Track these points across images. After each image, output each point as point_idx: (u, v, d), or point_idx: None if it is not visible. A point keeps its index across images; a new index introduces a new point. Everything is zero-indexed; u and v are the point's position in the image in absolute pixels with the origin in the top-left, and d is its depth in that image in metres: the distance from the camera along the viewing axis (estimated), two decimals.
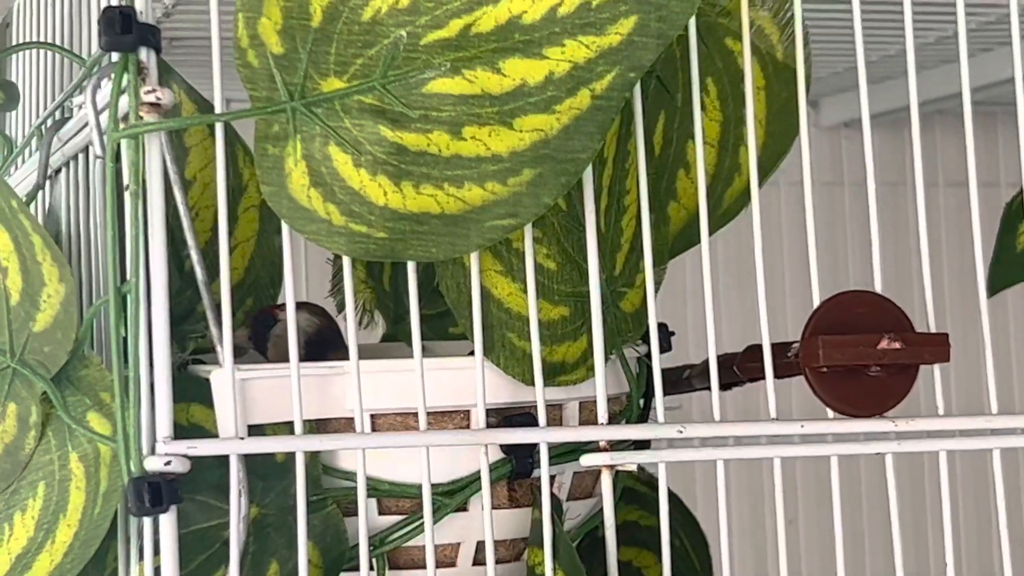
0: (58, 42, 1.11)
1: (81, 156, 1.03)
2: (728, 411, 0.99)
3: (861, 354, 0.96)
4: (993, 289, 1.17)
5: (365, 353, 0.96)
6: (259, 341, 1.05)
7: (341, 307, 1.13)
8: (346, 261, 0.94)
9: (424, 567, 0.95)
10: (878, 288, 0.99)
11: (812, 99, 1.65)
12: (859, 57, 1.01)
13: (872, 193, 0.97)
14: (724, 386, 1.05)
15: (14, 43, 1.22)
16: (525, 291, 0.96)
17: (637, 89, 0.99)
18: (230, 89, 0.94)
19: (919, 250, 1.00)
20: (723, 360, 1.03)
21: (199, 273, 0.94)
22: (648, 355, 1.03)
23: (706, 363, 1.03)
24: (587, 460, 0.95)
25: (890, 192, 1.58)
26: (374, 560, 0.98)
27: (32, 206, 1.05)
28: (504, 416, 0.96)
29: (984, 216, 1.02)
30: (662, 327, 1.03)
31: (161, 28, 1.18)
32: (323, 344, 1.04)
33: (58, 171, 1.08)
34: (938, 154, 1.69)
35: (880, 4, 1.23)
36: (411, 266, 0.94)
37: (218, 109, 0.91)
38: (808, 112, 1.62)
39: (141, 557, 0.91)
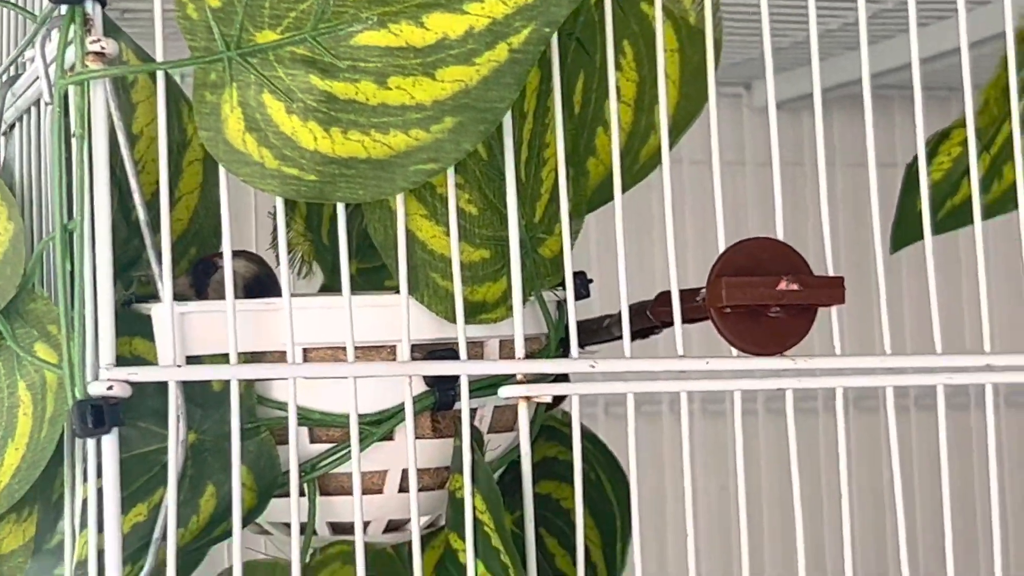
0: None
1: (34, 109, 1.04)
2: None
3: (762, 295, 0.99)
4: (895, 246, 1.20)
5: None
6: (200, 287, 1.07)
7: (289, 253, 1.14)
8: (279, 201, 0.97)
9: (352, 493, 0.97)
10: (780, 237, 1.01)
11: (745, 81, 1.67)
12: (765, 45, 1.05)
13: (776, 169, 1.02)
14: (639, 333, 1.07)
15: None
16: (448, 234, 0.98)
17: (555, 48, 1.01)
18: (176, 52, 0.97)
19: (819, 210, 1.04)
20: (637, 307, 1.06)
21: (143, 219, 0.96)
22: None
23: (640, 309, 1.06)
24: (505, 391, 0.98)
25: (797, 172, 1.62)
26: (305, 485, 1.00)
27: None
28: (428, 351, 0.98)
29: (882, 192, 1.06)
30: (580, 274, 1.06)
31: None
32: (260, 288, 1.06)
33: (12, 126, 1.10)
34: (835, 136, 1.73)
35: None
36: (340, 207, 0.96)
37: (159, 59, 0.94)
38: (741, 93, 1.64)
39: (86, 479, 0.93)
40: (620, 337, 1.04)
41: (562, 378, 1.03)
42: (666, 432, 1.84)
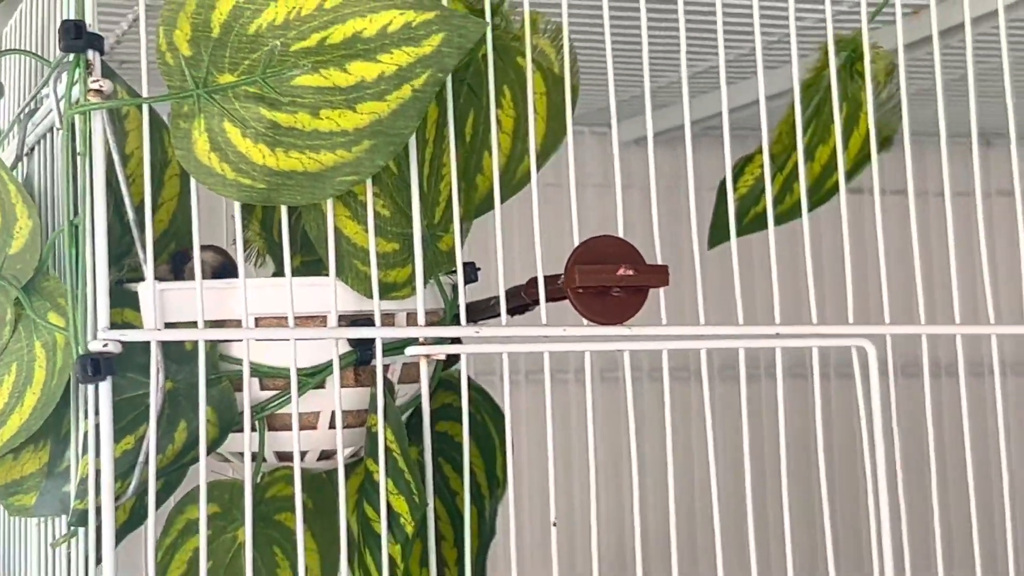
0: (35, 51, 1.11)
1: (48, 135, 1.05)
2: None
3: (605, 278, 0.99)
4: (711, 244, 1.19)
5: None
6: (177, 273, 1.06)
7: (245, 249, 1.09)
8: (236, 206, 0.97)
9: (292, 428, 0.97)
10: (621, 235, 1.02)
11: (608, 120, 1.61)
12: (610, 94, 1.06)
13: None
14: (516, 309, 1.05)
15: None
16: (366, 231, 0.98)
17: (449, 89, 1.00)
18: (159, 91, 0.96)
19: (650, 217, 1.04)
20: (513, 290, 1.05)
21: (132, 220, 0.96)
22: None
23: (516, 291, 1.05)
24: (410, 351, 0.99)
25: (670, 194, 1.56)
26: (256, 423, 1.00)
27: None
28: (351, 320, 0.99)
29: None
30: (470, 264, 1.06)
31: (114, 52, 1.21)
32: (224, 274, 1.06)
33: (32, 149, 1.10)
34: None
35: (658, 37, 1.18)
36: (283, 209, 0.97)
37: (144, 94, 0.95)
38: (606, 131, 1.58)
39: (87, 416, 0.94)
40: (497, 315, 1.04)
41: (456, 343, 1.02)
42: (571, 396, 1.77)
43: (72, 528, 0.96)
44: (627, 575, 1.09)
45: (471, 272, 1.07)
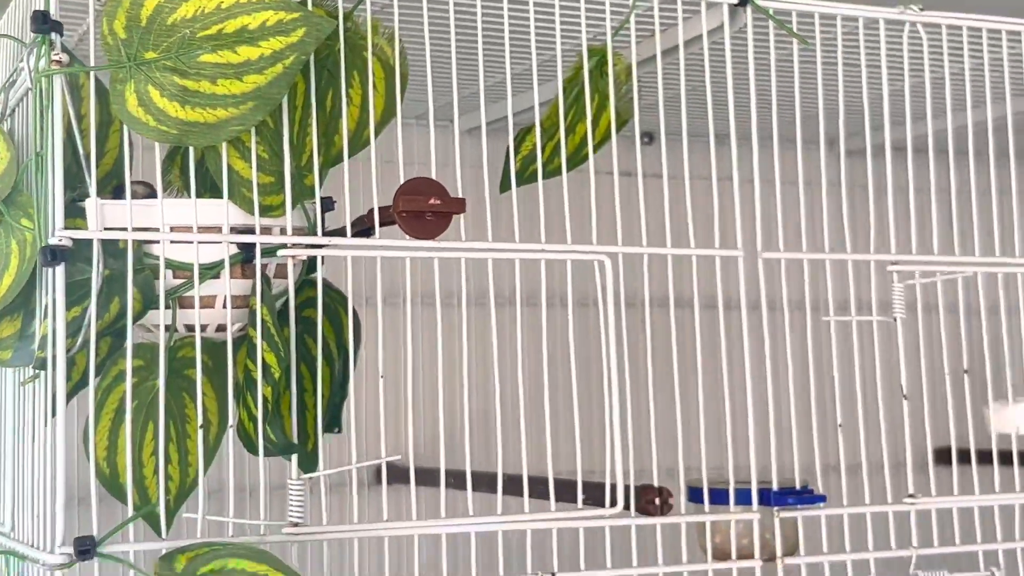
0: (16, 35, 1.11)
1: (25, 98, 1.08)
2: None
3: (420, 205, 1.06)
4: (501, 190, 1.17)
5: None
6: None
7: (167, 186, 1.09)
8: (158, 147, 1.01)
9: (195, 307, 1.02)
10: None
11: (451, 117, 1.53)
12: (430, 94, 1.09)
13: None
14: (361, 232, 1.08)
15: None
16: (250, 167, 1.02)
17: (313, 72, 1.04)
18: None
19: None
20: (359, 218, 1.08)
21: (84, 164, 1.00)
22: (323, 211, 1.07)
23: (360, 218, 1.08)
24: (281, 253, 1.03)
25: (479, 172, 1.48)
26: (170, 302, 1.03)
27: None
28: (240, 230, 1.03)
29: None
30: (328, 198, 1.08)
31: (79, 47, 1.19)
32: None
33: (13, 111, 1.12)
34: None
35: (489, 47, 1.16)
36: (191, 150, 1.00)
37: (92, 63, 0.99)
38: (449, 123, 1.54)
39: (46, 293, 0.98)
40: (353, 235, 1.07)
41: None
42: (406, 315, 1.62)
43: (36, 372, 1.00)
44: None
45: (329, 203, 1.09)
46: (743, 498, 1.17)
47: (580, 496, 1.12)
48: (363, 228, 1.10)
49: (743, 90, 1.20)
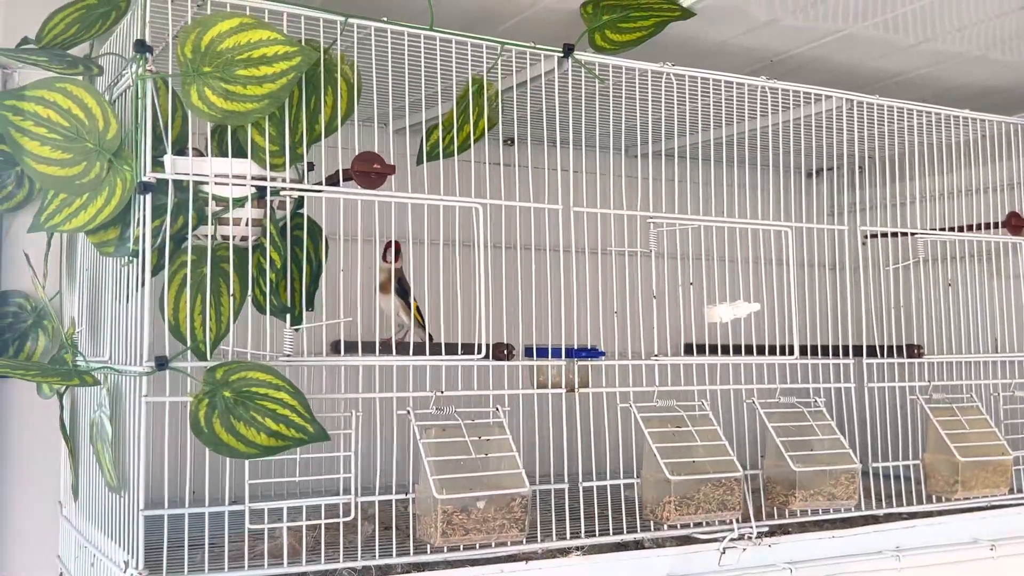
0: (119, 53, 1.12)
1: (125, 93, 1.11)
2: None
3: (367, 167, 1.12)
4: (418, 163, 1.17)
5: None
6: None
7: (200, 151, 1.08)
8: (209, 126, 1.07)
9: (231, 224, 1.07)
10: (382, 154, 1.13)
11: (388, 120, 1.50)
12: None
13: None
14: (334, 183, 1.14)
15: None
16: (265, 140, 1.06)
17: (304, 84, 1.08)
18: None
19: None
20: (334, 174, 1.14)
21: (163, 131, 1.03)
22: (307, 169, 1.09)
23: (331, 176, 1.11)
24: (283, 193, 1.08)
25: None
26: (213, 220, 1.06)
27: None
28: (257, 178, 1.06)
29: None
30: (311, 163, 1.11)
31: (158, 58, 1.13)
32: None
33: (115, 100, 1.15)
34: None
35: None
36: (228, 128, 1.05)
37: (170, 72, 1.05)
38: (386, 125, 1.52)
39: (140, 210, 1.02)
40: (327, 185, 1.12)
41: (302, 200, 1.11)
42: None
43: (129, 259, 1.06)
44: None
45: (311, 166, 1.14)
46: (557, 354, 1.32)
47: (460, 348, 1.26)
48: (333, 181, 1.18)
49: (567, 110, 1.26)
